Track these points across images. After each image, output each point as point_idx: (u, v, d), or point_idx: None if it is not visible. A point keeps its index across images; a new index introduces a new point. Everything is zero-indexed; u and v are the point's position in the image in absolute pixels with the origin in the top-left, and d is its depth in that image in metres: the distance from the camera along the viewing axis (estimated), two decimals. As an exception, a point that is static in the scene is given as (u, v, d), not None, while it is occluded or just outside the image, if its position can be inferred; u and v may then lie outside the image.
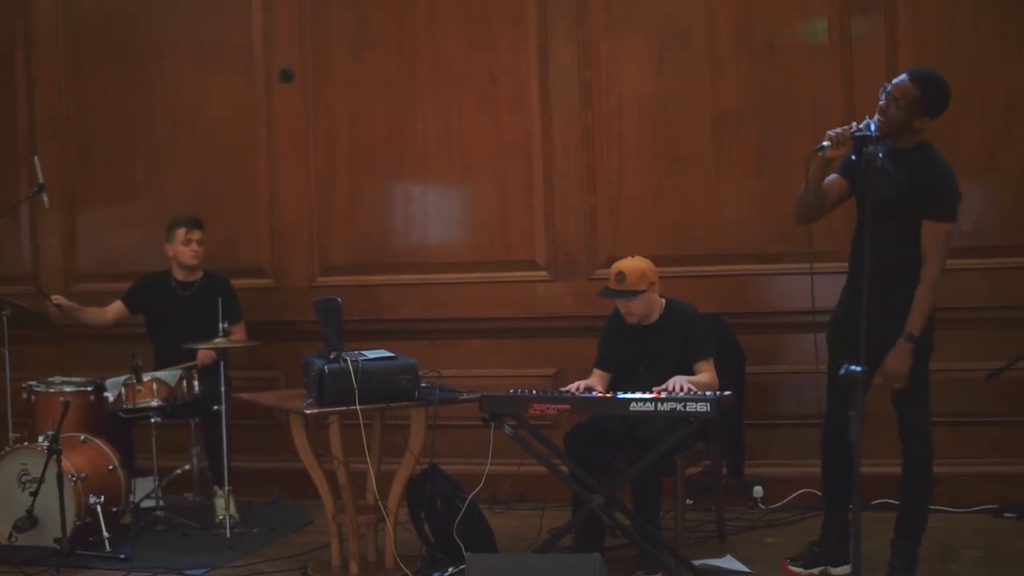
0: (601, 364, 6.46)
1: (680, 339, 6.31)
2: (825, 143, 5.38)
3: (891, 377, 5.55)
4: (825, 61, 7.26)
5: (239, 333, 7.58)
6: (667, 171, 7.56)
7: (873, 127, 4.97)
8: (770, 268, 7.17)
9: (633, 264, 6.28)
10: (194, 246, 7.64)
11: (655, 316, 6.38)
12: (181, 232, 7.63)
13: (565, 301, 7.72)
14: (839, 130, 5.38)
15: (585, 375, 6.34)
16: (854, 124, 5.38)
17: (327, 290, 7.43)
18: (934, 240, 5.56)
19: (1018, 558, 6.09)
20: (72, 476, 6.58)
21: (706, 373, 6.22)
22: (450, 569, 6.03)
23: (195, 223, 7.68)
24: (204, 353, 7.36)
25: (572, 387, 6.11)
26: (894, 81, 5.57)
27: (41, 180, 7.56)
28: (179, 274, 7.70)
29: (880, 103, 5.53)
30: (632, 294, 6.24)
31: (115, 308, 7.76)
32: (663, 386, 5.91)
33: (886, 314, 5.40)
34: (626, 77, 7.63)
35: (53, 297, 7.60)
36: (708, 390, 5.99)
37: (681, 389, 5.85)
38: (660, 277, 6.37)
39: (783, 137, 7.29)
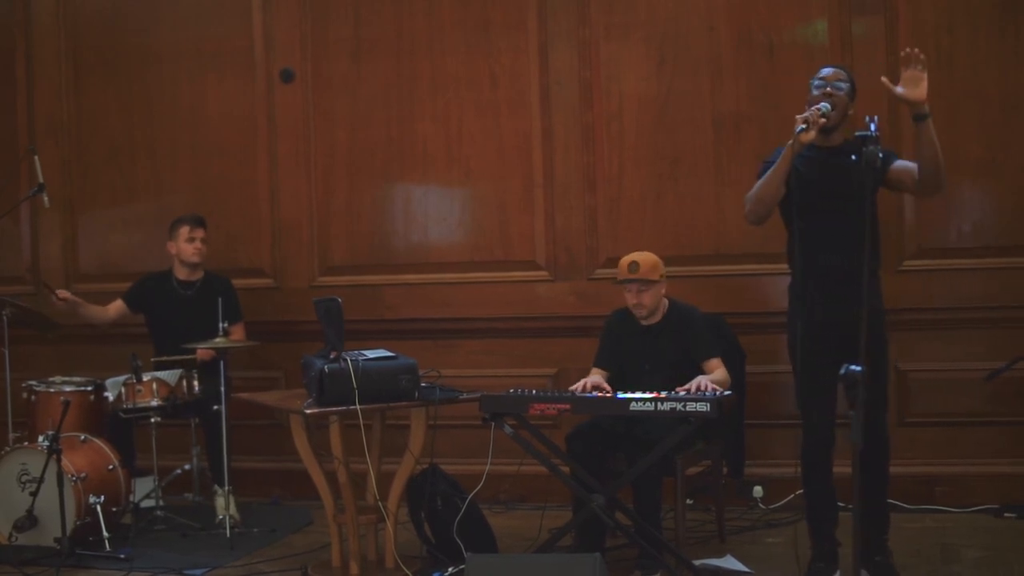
0: (601, 362, 6.49)
1: (683, 339, 6.33)
2: (802, 126, 5.37)
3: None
4: (825, 62, 7.21)
5: (239, 333, 7.59)
6: (667, 172, 7.57)
7: (874, 128, 4.95)
8: (771, 268, 7.16)
9: (645, 256, 6.34)
10: (197, 244, 7.65)
11: (659, 315, 6.40)
12: (184, 230, 7.64)
13: (565, 301, 7.73)
14: (809, 112, 5.42)
15: (585, 375, 6.33)
16: (821, 105, 5.47)
17: (327, 290, 7.44)
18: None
19: (1019, 558, 6.08)
20: (72, 476, 6.59)
21: (719, 371, 6.23)
22: (450, 569, 6.03)
23: (198, 221, 7.69)
24: (203, 352, 7.36)
25: (578, 385, 6.10)
26: (824, 71, 5.69)
27: (41, 180, 7.57)
28: (181, 273, 7.70)
29: (818, 96, 5.57)
30: (647, 282, 6.27)
31: (116, 306, 7.76)
32: (687, 385, 5.91)
33: (856, 306, 5.31)
34: (627, 78, 7.64)
35: (58, 292, 7.59)
36: (725, 387, 6.01)
37: (706, 388, 5.84)
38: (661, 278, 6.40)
39: (783, 138, 7.23)
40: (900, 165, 5.59)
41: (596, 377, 6.25)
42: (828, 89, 5.58)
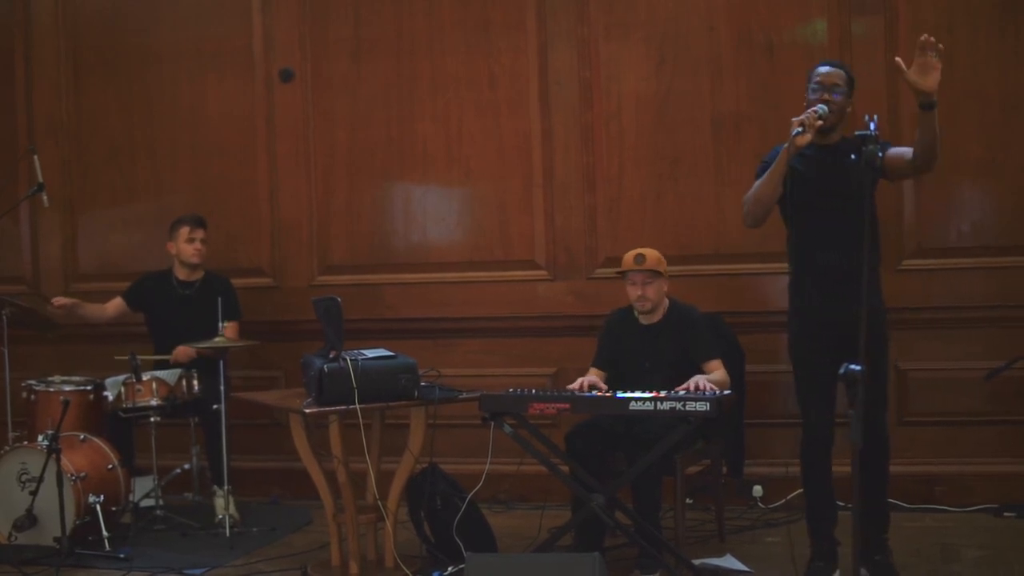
0: (599, 362, 6.49)
1: (683, 339, 6.33)
2: (799, 129, 5.36)
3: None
4: (824, 61, 7.27)
5: (231, 331, 7.53)
6: (667, 171, 7.57)
7: (873, 127, 4.94)
8: (770, 267, 7.16)
9: (649, 250, 6.38)
10: (197, 244, 7.64)
11: (660, 314, 6.40)
12: (185, 230, 7.64)
13: (565, 301, 7.73)
14: (805, 116, 5.40)
15: (584, 374, 6.34)
16: (818, 108, 5.45)
17: (327, 289, 7.44)
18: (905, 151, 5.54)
19: (1019, 558, 6.08)
20: (72, 475, 6.59)
21: (718, 372, 6.23)
22: (450, 568, 6.03)
23: (199, 222, 7.69)
24: (182, 351, 7.36)
25: (575, 384, 6.10)
26: (822, 70, 5.64)
27: (41, 180, 7.57)
28: (180, 273, 7.70)
29: (816, 99, 5.55)
30: (653, 273, 6.30)
31: (115, 304, 7.76)
32: (684, 385, 5.90)
33: (856, 305, 5.18)
34: (626, 78, 7.64)
35: (53, 300, 7.60)
36: (723, 388, 6.01)
37: (704, 388, 5.83)
38: (661, 277, 6.43)
39: (782, 137, 7.18)
40: (893, 152, 5.54)
41: (592, 377, 6.25)
42: (825, 95, 5.56)
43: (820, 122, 5.42)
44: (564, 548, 6.05)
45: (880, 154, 5.07)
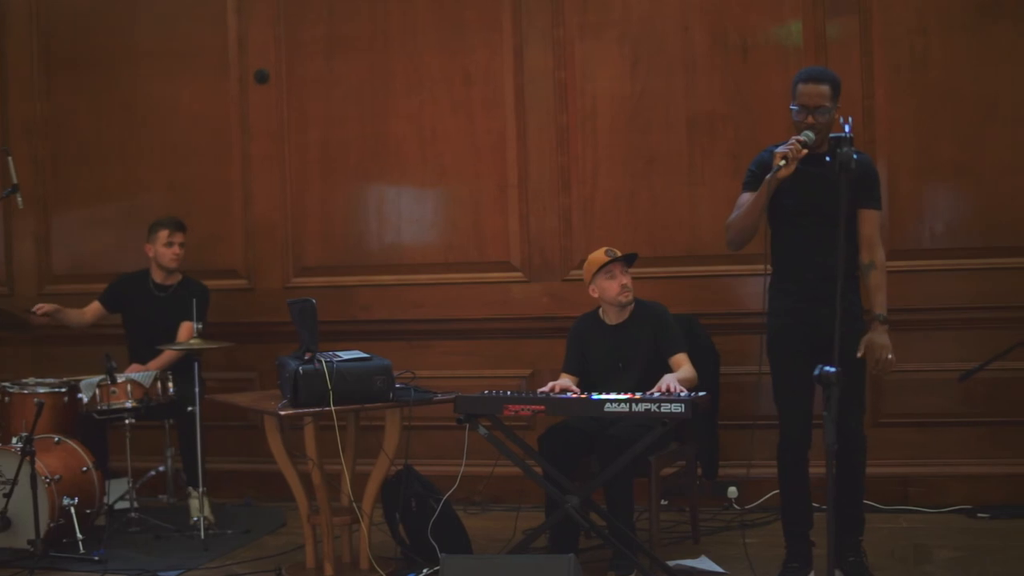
0: (569, 368, 6.49)
1: (652, 335, 6.33)
2: (781, 162, 5.33)
3: (883, 361, 5.53)
4: (799, 63, 7.23)
5: (186, 331, 7.48)
6: (642, 172, 7.58)
7: (848, 129, 4.94)
8: (744, 269, 7.18)
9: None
10: (176, 248, 7.61)
11: (627, 313, 6.40)
12: (164, 234, 7.60)
13: (540, 302, 7.73)
14: (788, 147, 5.36)
15: (559, 377, 6.35)
16: (803, 137, 5.40)
17: (301, 291, 7.44)
18: (875, 227, 5.60)
19: (992, 559, 6.11)
20: (46, 477, 6.55)
21: (685, 367, 6.24)
22: (425, 570, 6.03)
23: (178, 226, 7.65)
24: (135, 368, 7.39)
25: (547, 388, 6.10)
26: (804, 88, 5.53)
27: (15, 180, 7.53)
28: (157, 276, 7.67)
29: (800, 120, 5.50)
30: (627, 260, 6.37)
31: (93, 309, 7.74)
32: (656, 387, 5.90)
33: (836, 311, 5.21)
34: (601, 78, 7.64)
35: (36, 308, 7.55)
36: (693, 384, 6.05)
37: (675, 390, 5.83)
38: (635, 278, 6.43)
39: (757, 139, 7.28)
40: (868, 219, 5.58)
41: (565, 380, 6.26)
42: (809, 118, 5.50)
43: (805, 151, 5.37)
44: (539, 549, 6.05)
45: (856, 156, 5.05)
